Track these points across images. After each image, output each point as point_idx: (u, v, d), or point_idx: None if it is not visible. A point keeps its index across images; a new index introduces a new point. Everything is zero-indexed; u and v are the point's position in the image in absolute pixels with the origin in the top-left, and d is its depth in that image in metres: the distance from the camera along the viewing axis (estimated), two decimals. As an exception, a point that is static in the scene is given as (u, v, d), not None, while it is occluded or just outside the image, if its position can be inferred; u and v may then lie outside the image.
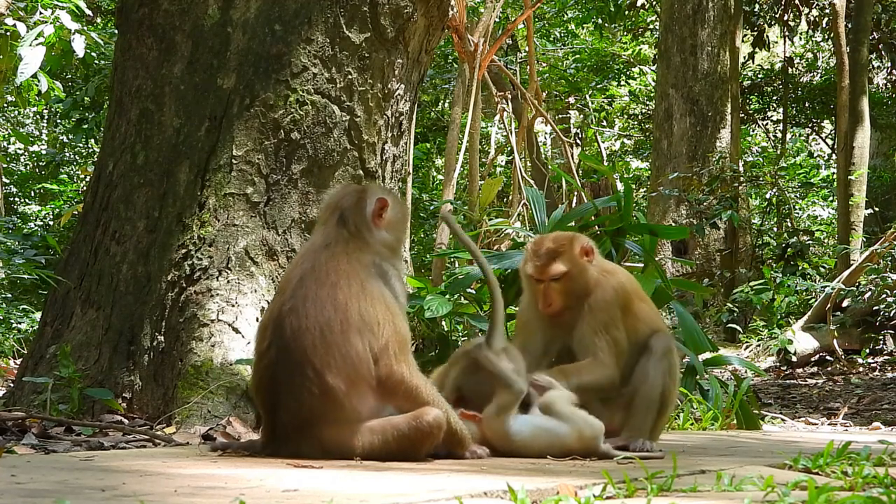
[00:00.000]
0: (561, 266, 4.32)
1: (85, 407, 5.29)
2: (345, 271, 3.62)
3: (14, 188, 20.42)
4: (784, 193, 17.31)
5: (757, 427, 6.42)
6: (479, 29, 11.02)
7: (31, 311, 12.31)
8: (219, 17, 5.74)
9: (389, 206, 3.83)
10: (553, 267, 4.32)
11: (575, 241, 4.41)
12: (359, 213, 3.79)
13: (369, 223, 3.79)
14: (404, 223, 3.97)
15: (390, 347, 3.57)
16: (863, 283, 13.43)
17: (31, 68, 9.18)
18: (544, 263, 4.33)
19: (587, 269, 4.39)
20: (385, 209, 3.82)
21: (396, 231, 3.88)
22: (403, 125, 6.09)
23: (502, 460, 3.82)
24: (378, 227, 3.80)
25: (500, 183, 11.26)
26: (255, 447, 3.65)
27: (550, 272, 4.32)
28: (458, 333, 7.04)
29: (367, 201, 3.81)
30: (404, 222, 3.97)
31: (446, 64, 19.94)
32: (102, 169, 5.87)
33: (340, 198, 3.85)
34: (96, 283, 5.59)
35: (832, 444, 3.68)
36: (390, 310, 3.63)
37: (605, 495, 2.75)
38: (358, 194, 3.84)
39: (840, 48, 16.95)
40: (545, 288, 4.35)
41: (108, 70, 13.90)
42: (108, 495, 2.55)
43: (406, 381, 3.59)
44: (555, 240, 4.42)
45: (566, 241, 4.41)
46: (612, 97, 23.93)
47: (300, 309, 3.55)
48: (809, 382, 12.07)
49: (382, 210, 3.81)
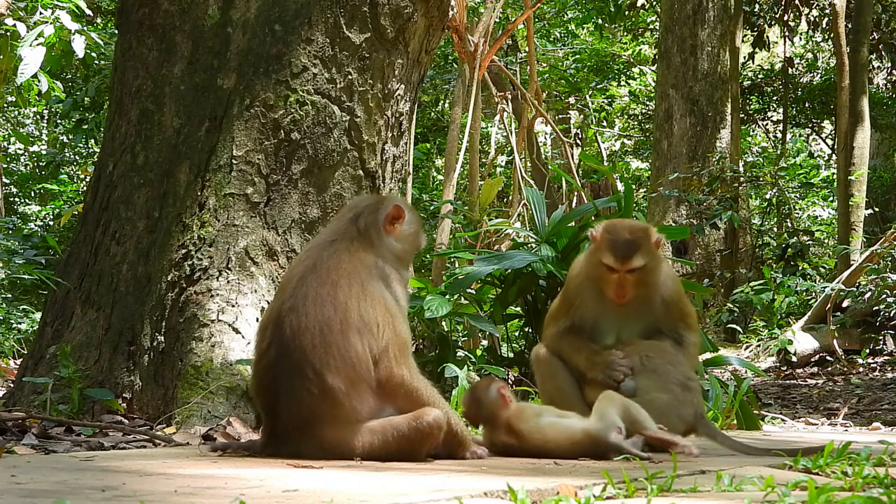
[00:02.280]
0: (641, 259, 4.31)
1: (85, 407, 5.29)
2: (346, 270, 3.61)
3: (14, 188, 20.42)
4: (784, 194, 17.31)
5: (757, 427, 6.42)
6: (480, 29, 11.02)
7: (32, 312, 12.30)
8: (219, 17, 5.74)
9: (405, 217, 3.82)
10: (634, 260, 4.30)
11: (651, 232, 4.41)
12: (372, 214, 3.79)
13: (380, 227, 3.78)
14: (416, 240, 3.92)
15: (390, 350, 3.57)
16: (863, 283, 13.42)
17: (32, 68, 9.18)
18: (625, 255, 4.30)
19: (662, 262, 4.43)
20: (400, 219, 3.81)
21: (406, 244, 3.86)
22: (404, 125, 6.10)
23: (502, 460, 3.82)
24: (389, 233, 3.79)
25: (500, 183, 11.25)
26: (256, 447, 3.65)
27: (631, 264, 4.31)
28: (457, 334, 7.05)
29: (384, 205, 3.82)
30: (416, 239, 3.92)
31: (446, 64, 19.94)
32: (102, 169, 5.87)
33: (361, 200, 3.89)
34: (96, 283, 5.59)
35: (832, 444, 3.68)
36: (390, 312, 3.62)
37: (605, 495, 2.75)
38: (377, 198, 3.90)
39: (840, 48, 16.95)
40: (621, 278, 4.32)
41: (108, 70, 13.90)
42: (108, 495, 2.55)
43: (406, 384, 3.60)
44: (631, 231, 4.38)
45: (642, 232, 4.38)
46: (613, 97, 23.93)
47: (300, 308, 3.55)
48: (809, 383, 12.07)
49: (397, 219, 3.80)
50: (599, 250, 4.38)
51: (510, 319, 7.14)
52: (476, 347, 7.28)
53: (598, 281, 4.41)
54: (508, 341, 7.17)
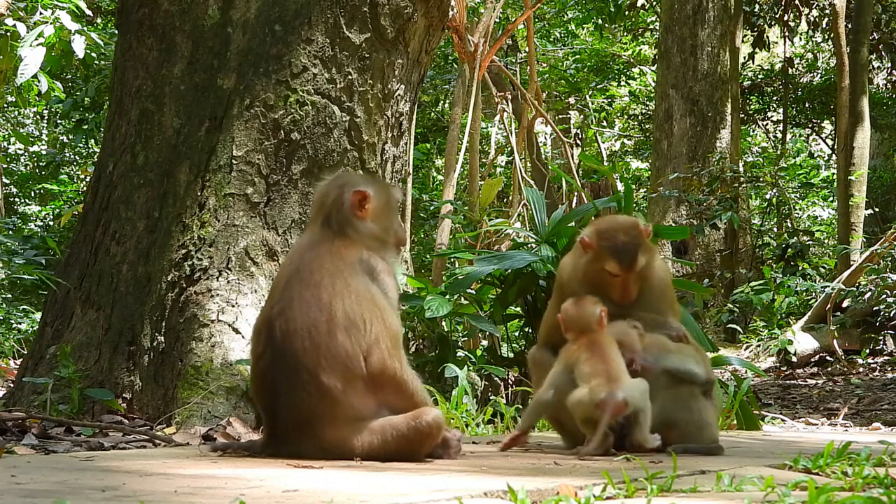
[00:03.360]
0: (642, 258, 4.29)
1: (85, 407, 5.29)
2: (328, 270, 3.60)
3: (14, 189, 20.42)
4: (784, 194, 17.30)
5: (757, 427, 6.42)
6: (480, 29, 11.01)
7: (32, 312, 12.30)
8: (219, 17, 5.74)
9: (371, 196, 3.75)
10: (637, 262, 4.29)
11: (640, 227, 4.36)
12: (340, 210, 3.73)
13: (351, 218, 3.72)
14: (391, 210, 3.87)
15: (381, 342, 3.55)
16: (863, 283, 13.42)
17: (32, 69, 9.18)
18: (630, 261, 4.27)
19: (655, 251, 4.42)
20: (366, 200, 3.74)
21: (383, 219, 3.80)
22: (403, 125, 6.09)
23: (502, 460, 3.82)
24: (362, 219, 3.74)
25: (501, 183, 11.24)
26: (256, 447, 3.65)
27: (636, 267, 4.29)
28: (457, 334, 7.04)
29: (345, 195, 3.73)
30: (391, 209, 3.87)
31: (446, 64, 19.93)
32: (102, 169, 5.87)
33: (324, 196, 3.79)
34: (96, 283, 5.59)
35: (832, 444, 3.68)
36: (378, 305, 3.60)
37: (605, 495, 2.75)
38: (338, 190, 3.76)
39: (840, 48, 16.95)
40: (624, 280, 4.30)
41: (108, 70, 13.90)
42: (108, 496, 2.55)
43: (397, 376, 3.59)
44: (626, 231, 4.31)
45: (635, 230, 4.33)
46: (613, 97, 23.92)
47: (287, 312, 3.55)
48: (809, 383, 12.07)
49: (363, 202, 3.74)
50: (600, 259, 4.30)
51: (510, 319, 7.13)
52: (476, 347, 7.27)
53: (597, 284, 4.37)
54: (508, 341, 7.16)
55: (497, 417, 5.84)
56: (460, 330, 7.23)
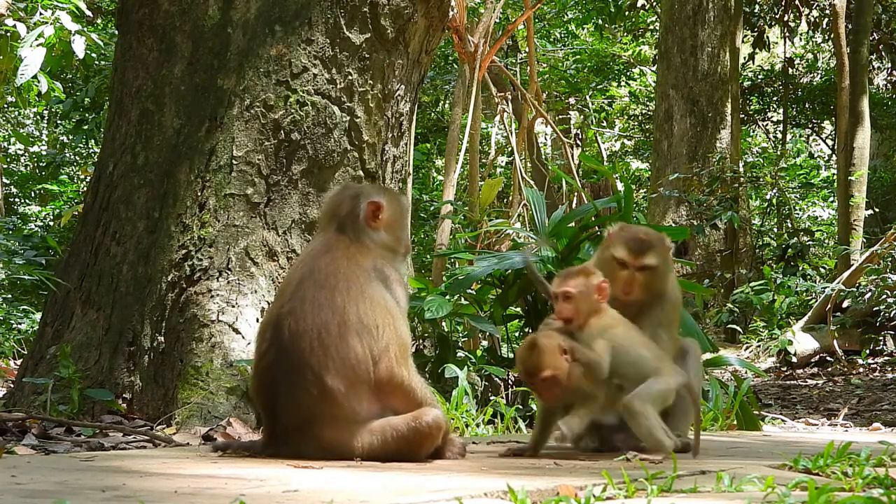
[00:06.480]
0: (653, 258, 4.32)
1: (85, 408, 5.29)
2: (344, 275, 3.63)
3: (14, 189, 20.44)
4: (784, 194, 17.31)
5: (757, 428, 6.42)
6: (480, 30, 11.01)
7: (32, 312, 12.30)
8: (219, 17, 5.74)
9: (384, 206, 3.83)
10: (647, 257, 4.31)
11: (665, 239, 4.42)
12: (355, 220, 3.79)
13: (366, 228, 3.79)
14: (402, 220, 3.96)
15: (391, 350, 3.58)
16: (863, 283, 13.42)
17: (32, 69, 9.18)
18: (639, 251, 4.30)
19: (672, 272, 4.44)
20: (380, 210, 3.81)
21: (395, 229, 3.88)
22: (404, 126, 6.10)
23: (502, 460, 3.82)
24: (375, 228, 3.81)
25: (501, 184, 11.24)
26: (256, 448, 3.66)
27: (643, 261, 4.31)
28: (458, 334, 7.04)
29: (360, 206, 3.81)
30: (402, 219, 3.96)
31: (446, 65, 19.93)
32: (102, 169, 5.87)
33: (337, 205, 3.85)
34: (96, 283, 5.60)
35: (832, 444, 3.68)
36: (391, 313, 3.64)
37: (605, 496, 2.75)
38: (353, 200, 3.83)
39: (840, 49, 16.96)
40: (630, 275, 4.33)
41: (108, 71, 13.90)
42: (108, 496, 2.55)
43: (405, 384, 3.62)
44: (646, 233, 4.40)
45: (657, 237, 4.40)
46: (613, 98, 23.93)
47: (298, 311, 3.56)
48: (809, 383, 12.08)
49: (377, 212, 3.81)
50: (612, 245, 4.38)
51: (510, 320, 7.13)
52: (476, 348, 7.27)
53: (606, 277, 4.40)
54: (508, 342, 7.15)
55: (497, 418, 5.84)
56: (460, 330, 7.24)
